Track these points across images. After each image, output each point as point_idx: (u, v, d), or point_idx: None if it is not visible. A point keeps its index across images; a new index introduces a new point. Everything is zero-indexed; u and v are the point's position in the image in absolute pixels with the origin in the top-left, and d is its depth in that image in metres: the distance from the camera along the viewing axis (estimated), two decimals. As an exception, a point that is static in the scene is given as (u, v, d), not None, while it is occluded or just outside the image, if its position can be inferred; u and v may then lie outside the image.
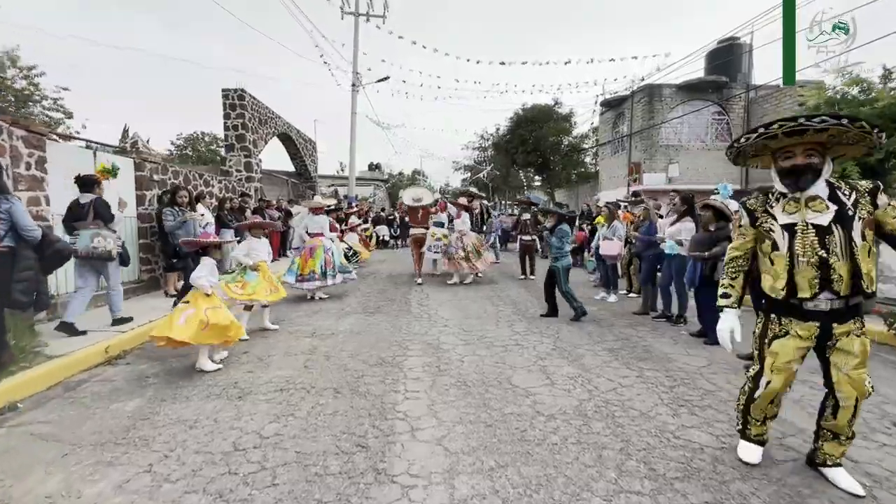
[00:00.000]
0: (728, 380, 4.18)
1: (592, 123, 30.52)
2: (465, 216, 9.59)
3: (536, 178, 38.00)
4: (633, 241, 7.03)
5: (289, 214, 13.46)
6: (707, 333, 5.38)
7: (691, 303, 6.02)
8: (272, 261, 5.55)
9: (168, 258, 7.32)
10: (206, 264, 4.51)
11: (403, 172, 58.79)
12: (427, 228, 9.84)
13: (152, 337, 4.13)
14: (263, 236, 5.75)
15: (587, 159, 33.11)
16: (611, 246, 7.75)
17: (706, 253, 5.12)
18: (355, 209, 14.48)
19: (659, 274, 6.58)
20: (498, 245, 17.86)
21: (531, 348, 4.94)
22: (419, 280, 9.58)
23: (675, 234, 5.92)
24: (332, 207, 8.91)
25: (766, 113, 19.62)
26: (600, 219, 8.24)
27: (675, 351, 4.97)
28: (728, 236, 5.17)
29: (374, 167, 51.51)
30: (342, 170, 48.27)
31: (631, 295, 8.05)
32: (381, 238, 19.46)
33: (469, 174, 40.65)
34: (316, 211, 7.89)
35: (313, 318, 6.39)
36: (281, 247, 13.44)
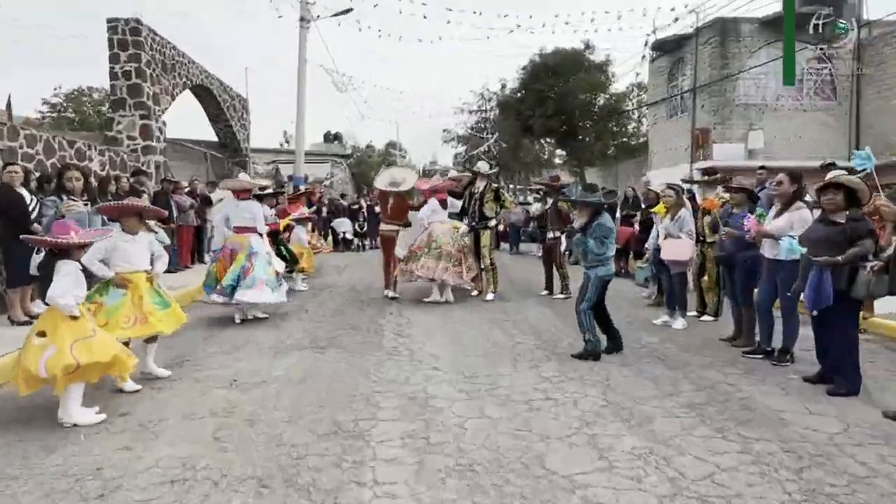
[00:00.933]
0: (882, 456, 3.75)
1: (638, 75, 30.19)
2: (432, 203, 9.28)
3: (559, 152, 37.64)
4: (722, 237, 6.63)
5: (207, 202, 12.92)
6: (832, 378, 4.99)
7: (803, 331, 5.70)
8: (184, 268, 5.03)
9: (13, 267, 6.78)
10: (67, 273, 4.22)
11: (373, 146, 58.22)
12: (403, 225, 9.75)
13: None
14: (150, 230, 5.42)
15: (631, 125, 32.81)
16: (677, 247, 7.32)
17: (840, 257, 4.68)
18: (303, 193, 13.92)
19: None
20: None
21: (570, 404, 4.56)
22: (390, 294, 9.45)
23: (784, 230, 5.48)
24: (270, 191, 8.49)
25: (885, 59, 19.41)
26: (660, 208, 7.84)
27: (789, 407, 4.61)
28: (870, 230, 4.77)
29: (332, 138, 50.86)
30: (287, 142, 47.58)
31: (704, 318, 7.77)
32: (341, 236, 18.92)
33: (465, 147, 40.17)
34: (241, 195, 7.47)
35: (234, 357, 5.96)
36: (197, 248, 12.87)
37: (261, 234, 7.60)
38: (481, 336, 6.91)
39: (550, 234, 9.77)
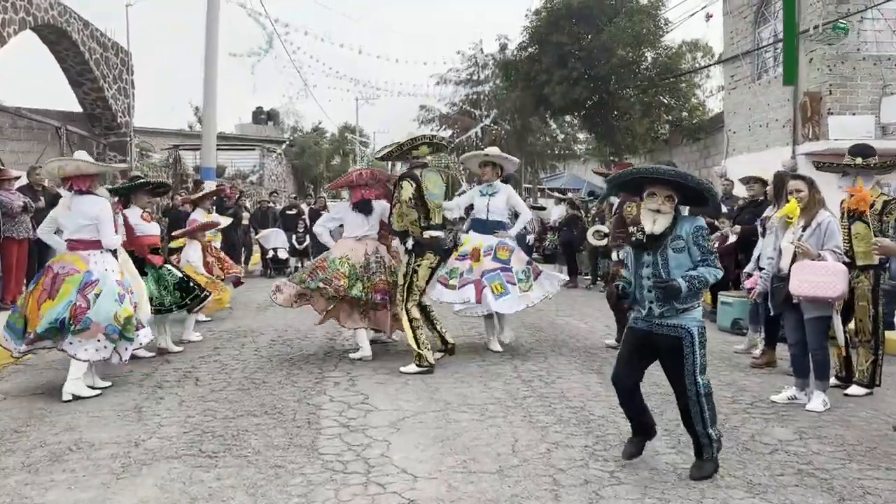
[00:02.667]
0: None
1: (709, 15, 23.27)
2: (340, 209, 7.48)
3: (581, 136, 32.23)
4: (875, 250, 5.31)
5: (56, 202, 10.07)
6: None
7: None
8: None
9: None
10: None
11: (323, 128, 49.73)
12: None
13: None
14: None
15: (690, 92, 26.81)
16: (821, 274, 5.43)
17: None
18: (203, 191, 10.93)
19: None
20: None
21: None
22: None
23: None
24: (148, 182, 6.83)
25: None
26: (792, 207, 6.04)
27: None
28: None
29: (264, 117, 45.01)
30: (200, 121, 40.50)
31: (852, 390, 5.93)
32: (270, 255, 15.88)
33: (452, 131, 33.44)
34: (77, 184, 5.71)
35: (44, 478, 3.86)
36: (37, 266, 9.86)
37: (114, 252, 5.86)
38: (490, 430, 4.83)
39: (616, 256, 7.60)
